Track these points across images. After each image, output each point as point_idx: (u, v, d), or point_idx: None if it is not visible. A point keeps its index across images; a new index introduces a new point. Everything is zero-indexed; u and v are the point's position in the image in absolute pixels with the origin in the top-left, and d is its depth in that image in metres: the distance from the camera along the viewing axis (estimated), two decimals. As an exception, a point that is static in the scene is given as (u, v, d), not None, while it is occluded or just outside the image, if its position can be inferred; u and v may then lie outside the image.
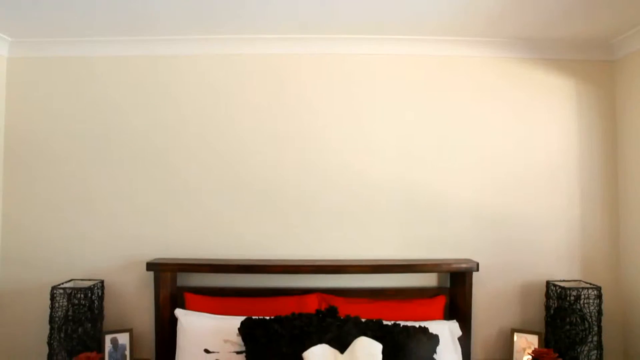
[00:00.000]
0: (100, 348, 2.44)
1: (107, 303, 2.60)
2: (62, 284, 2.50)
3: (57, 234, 2.66)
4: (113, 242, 2.65)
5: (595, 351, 2.46)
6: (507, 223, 2.70)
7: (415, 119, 2.71)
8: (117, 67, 2.70)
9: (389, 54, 2.70)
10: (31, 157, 2.68)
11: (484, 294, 2.67)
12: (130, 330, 2.52)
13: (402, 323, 2.27)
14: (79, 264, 2.64)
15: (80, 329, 2.42)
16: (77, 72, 2.70)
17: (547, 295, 2.59)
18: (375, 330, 2.20)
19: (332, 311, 2.29)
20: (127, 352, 2.48)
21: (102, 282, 2.57)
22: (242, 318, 2.27)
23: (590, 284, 2.55)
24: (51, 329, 2.41)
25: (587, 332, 2.45)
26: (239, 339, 2.25)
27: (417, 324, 2.28)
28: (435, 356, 2.19)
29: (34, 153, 2.68)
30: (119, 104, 2.69)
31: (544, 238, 2.71)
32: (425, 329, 2.23)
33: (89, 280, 2.58)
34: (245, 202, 2.67)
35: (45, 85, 2.69)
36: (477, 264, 2.55)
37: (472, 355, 2.61)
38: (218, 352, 2.27)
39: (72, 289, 2.43)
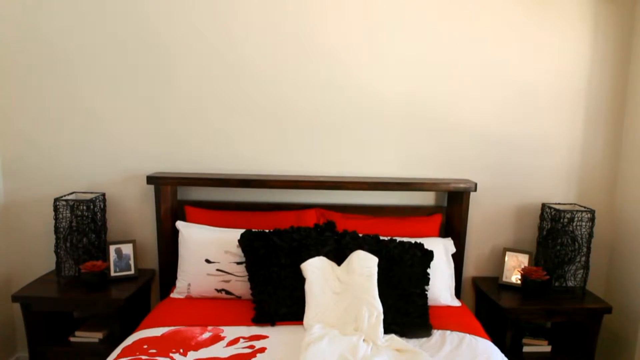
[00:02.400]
0: (105, 257, 2.53)
1: (109, 215, 2.64)
2: (64, 196, 2.53)
3: (58, 147, 2.63)
4: (114, 156, 2.64)
5: (582, 270, 2.55)
6: (508, 144, 2.68)
7: (421, 34, 2.58)
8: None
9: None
10: (29, 69, 2.57)
11: (480, 214, 2.72)
12: (133, 242, 2.59)
13: (398, 239, 2.33)
14: (80, 177, 2.65)
15: (84, 239, 2.49)
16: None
17: (542, 217, 2.64)
18: (371, 244, 2.26)
19: (330, 225, 2.34)
20: (132, 262, 2.57)
21: (103, 194, 2.60)
22: (242, 230, 2.33)
23: (585, 207, 2.59)
24: (57, 238, 2.48)
25: (576, 252, 2.52)
26: (238, 250, 2.32)
27: (412, 240, 2.34)
28: (428, 270, 2.26)
29: (31, 64, 2.56)
30: (119, 11, 2.52)
31: (544, 161, 2.71)
32: (420, 245, 2.30)
33: (91, 193, 2.61)
34: (246, 117, 2.62)
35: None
36: (475, 185, 2.57)
37: (464, 271, 2.71)
38: (219, 263, 2.34)
39: (75, 201, 2.47)
